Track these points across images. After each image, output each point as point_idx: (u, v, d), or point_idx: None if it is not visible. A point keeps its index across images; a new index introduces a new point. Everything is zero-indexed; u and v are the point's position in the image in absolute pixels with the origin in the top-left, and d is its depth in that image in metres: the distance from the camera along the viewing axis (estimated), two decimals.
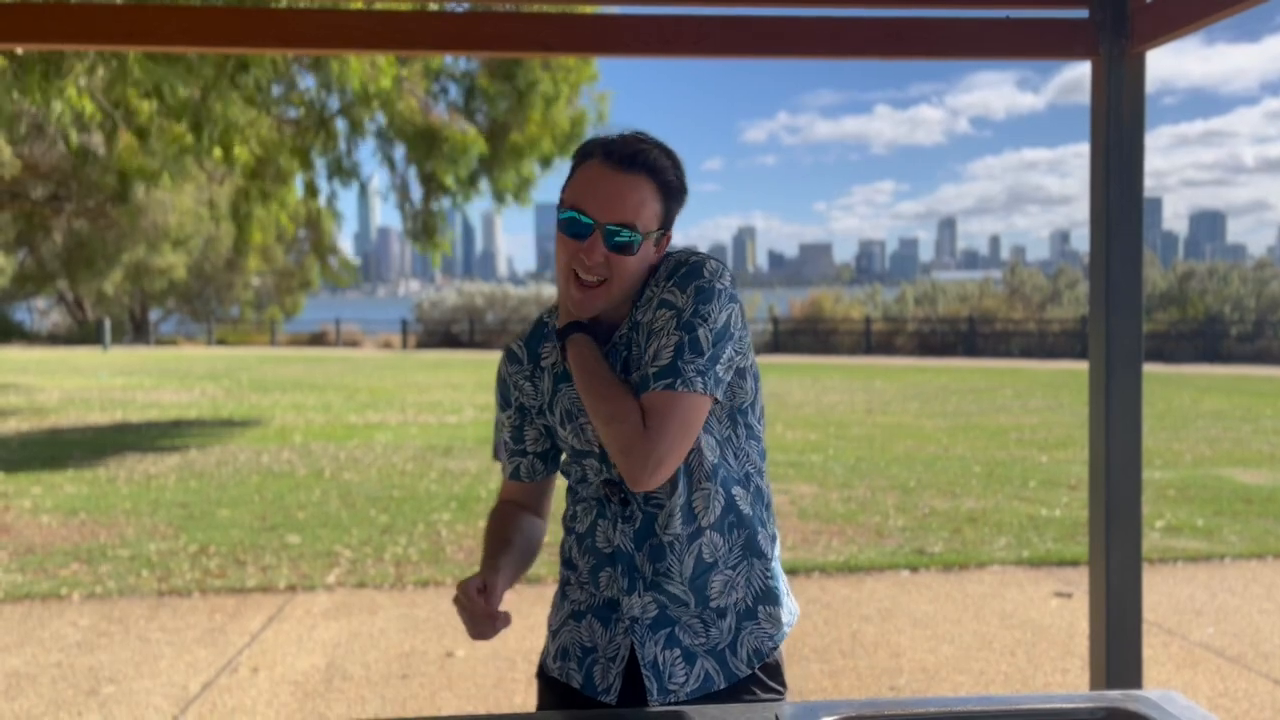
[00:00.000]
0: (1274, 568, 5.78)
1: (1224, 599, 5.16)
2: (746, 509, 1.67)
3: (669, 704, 1.62)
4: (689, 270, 1.59)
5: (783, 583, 1.74)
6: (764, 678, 1.69)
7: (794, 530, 6.62)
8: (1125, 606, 2.70)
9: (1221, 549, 6.11)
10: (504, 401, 1.76)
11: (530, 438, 1.76)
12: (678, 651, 1.64)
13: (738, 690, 1.66)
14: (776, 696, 1.69)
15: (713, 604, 1.66)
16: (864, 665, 4.23)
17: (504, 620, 1.52)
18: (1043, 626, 4.73)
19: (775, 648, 1.70)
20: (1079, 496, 7.64)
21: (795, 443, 10.64)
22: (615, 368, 1.61)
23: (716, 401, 1.58)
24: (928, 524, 6.81)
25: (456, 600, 1.55)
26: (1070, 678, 4.10)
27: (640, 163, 1.57)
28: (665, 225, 1.62)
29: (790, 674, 1.70)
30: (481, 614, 1.51)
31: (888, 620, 4.81)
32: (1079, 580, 5.41)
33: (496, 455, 1.83)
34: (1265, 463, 9.29)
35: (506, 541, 1.70)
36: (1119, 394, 2.66)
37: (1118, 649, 2.69)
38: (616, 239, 1.55)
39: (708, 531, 1.64)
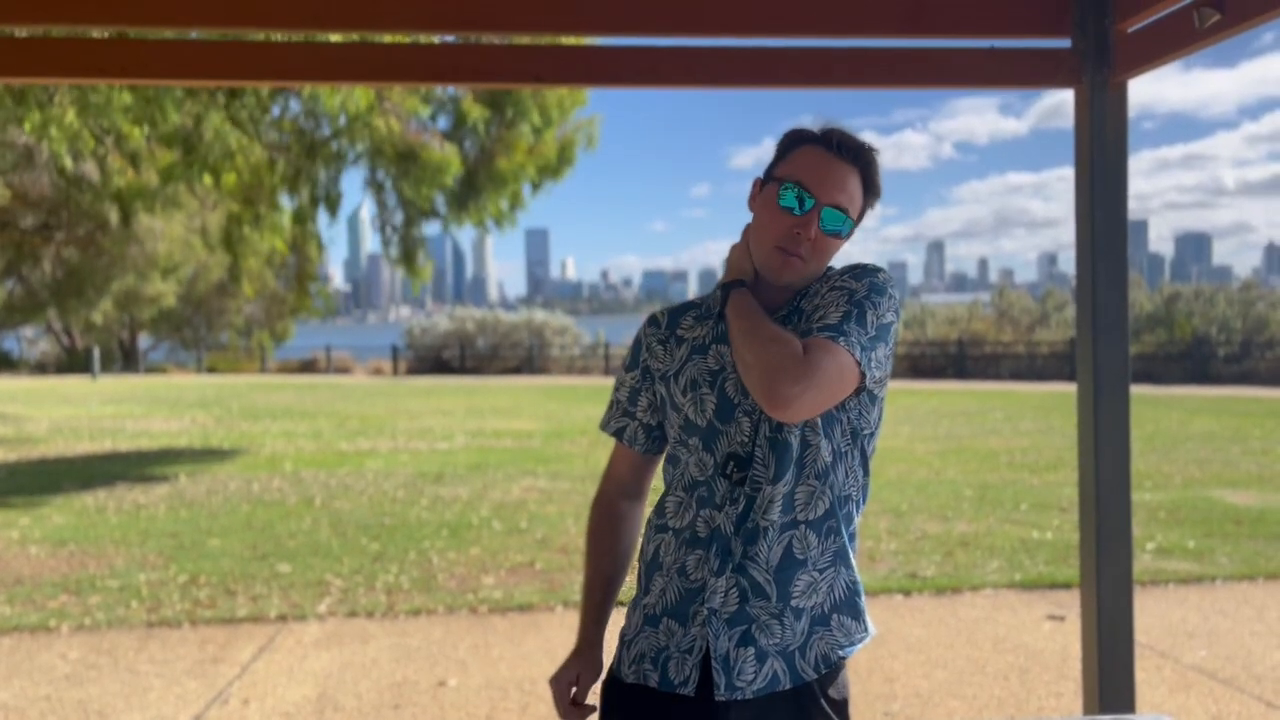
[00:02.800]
0: (1265, 589, 5.79)
1: (1216, 621, 5.16)
2: (844, 524, 1.72)
3: (734, 699, 1.66)
4: (866, 269, 1.68)
5: (863, 601, 1.77)
6: (830, 697, 1.70)
7: None
8: (1117, 629, 2.71)
9: (1213, 571, 6.12)
10: (633, 361, 1.83)
11: (643, 405, 1.82)
12: (751, 650, 1.67)
13: (800, 695, 1.68)
14: None
15: (793, 602, 1.68)
16: (858, 691, 4.22)
17: (589, 711, 1.79)
18: (1036, 650, 4.73)
19: (844, 657, 1.72)
20: (1070, 519, 7.65)
21: None
22: None
23: (862, 388, 1.62)
24: (920, 547, 6.81)
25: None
26: (1064, 701, 4.10)
27: (859, 156, 1.67)
28: (859, 219, 1.71)
29: None
30: (570, 715, 1.79)
31: (881, 645, 4.80)
32: (1071, 603, 5.41)
33: (604, 425, 1.87)
34: (1254, 484, 9.32)
35: (607, 571, 1.86)
36: (1107, 416, 2.68)
37: (1110, 672, 2.70)
38: (832, 221, 1.65)
39: (802, 527, 1.68)
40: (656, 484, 1.89)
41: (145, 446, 13.30)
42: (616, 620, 1.86)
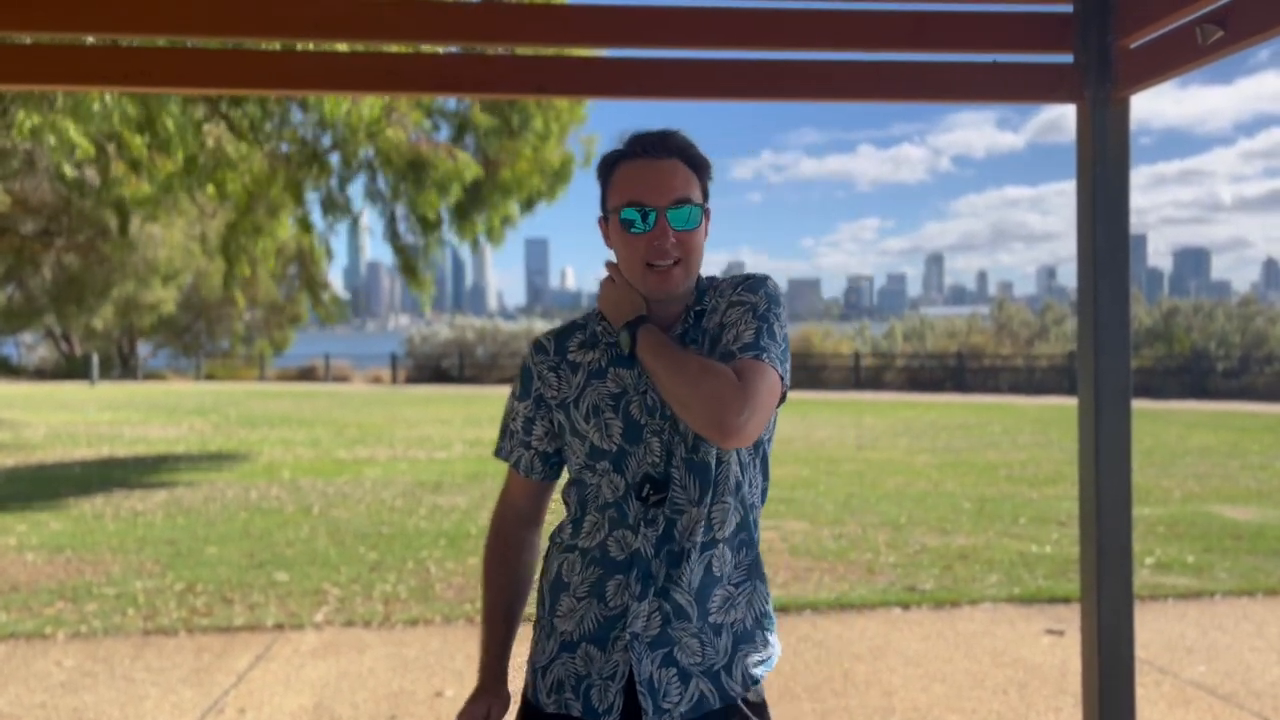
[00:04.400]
0: (1264, 605, 5.78)
1: (1215, 636, 5.15)
2: (755, 533, 1.75)
3: None
4: (757, 280, 1.71)
5: (773, 614, 1.80)
6: (751, 715, 1.71)
7: (785, 567, 6.60)
8: (1117, 645, 2.70)
9: (1212, 586, 6.11)
10: (524, 391, 1.81)
11: (538, 433, 1.80)
12: (674, 670, 1.66)
13: (730, 713, 1.69)
14: None
15: (711, 619, 1.69)
16: (856, 704, 4.20)
17: None
18: (1035, 665, 4.71)
19: (764, 675, 1.74)
20: (1069, 533, 7.64)
21: (785, 479, 10.63)
22: None
23: (784, 399, 1.68)
24: (919, 561, 6.80)
25: None
26: (1063, 716, 4.08)
27: (669, 146, 1.68)
28: (706, 198, 1.72)
29: (781, 713, 1.71)
30: None
31: (879, 658, 4.79)
32: (1071, 617, 5.40)
33: (498, 453, 1.85)
34: (1253, 499, 9.32)
35: (508, 600, 1.82)
36: (1108, 432, 2.68)
37: (1110, 688, 2.69)
38: (680, 218, 1.65)
39: (720, 545, 1.70)
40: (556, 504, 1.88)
41: (143, 453, 13.29)
42: (520, 643, 1.85)
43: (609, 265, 1.76)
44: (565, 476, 1.83)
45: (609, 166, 1.71)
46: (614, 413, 1.70)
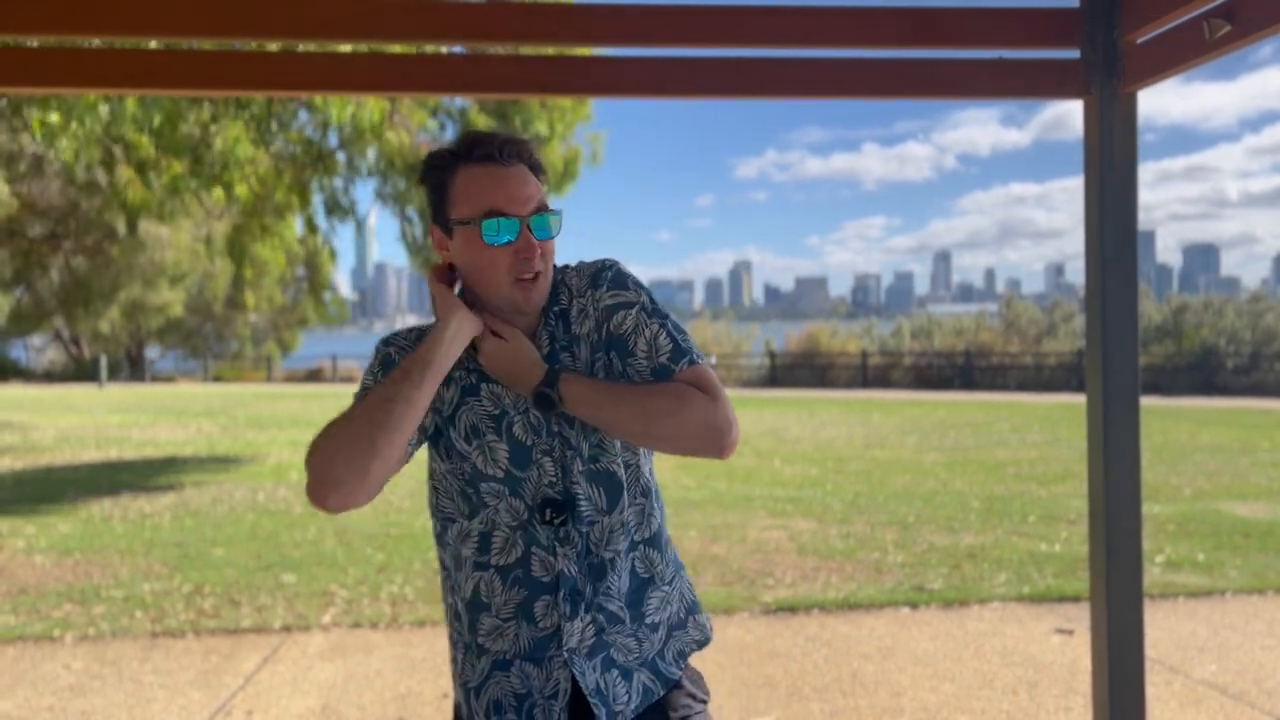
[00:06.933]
0: (1275, 603, 5.75)
1: (1226, 635, 5.12)
2: (666, 526, 1.73)
3: None
4: (614, 274, 1.64)
5: (699, 599, 1.80)
6: (691, 686, 1.72)
7: (793, 566, 6.58)
8: (1127, 644, 2.68)
9: (1223, 584, 6.08)
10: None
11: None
12: (615, 672, 1.63)
13: (673, 698, 1.68)
14: (702, 706, 1.72)
15: (648, 620, 1.67)
16: (865, 705, 4.19)
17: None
18: (1044, 664, 4.69)
19: (699, 647, 1.74)
20: (1079, 531, 7.61)
21: (793, 478, 10.61)
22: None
23: None
24: (927, 560, 6.78)
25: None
26: (1073, 716, 4.06)
27: (518, 153, 1.59)
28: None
29: (790, 714, 1.69)
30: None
31: (888, 658, 4.77)
32: (1080, 616, 5.37)
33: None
34: (1264, 496, 9.27)
35: None
36: (1117, 430, 2.66)
37: (1120, 687, 2.67)
38: (543, 226, 1.58)
39: (641, 546, 1.66)
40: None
41: (151, 455, 13.32)
42: (437, 664, 1.78)
43: (445, 294, 1.61)
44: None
45: (444, 171, 1.59)
46: (496, 435, 1.61)
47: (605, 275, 1.64)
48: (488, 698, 1.64)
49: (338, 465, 1.47)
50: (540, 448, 1.61)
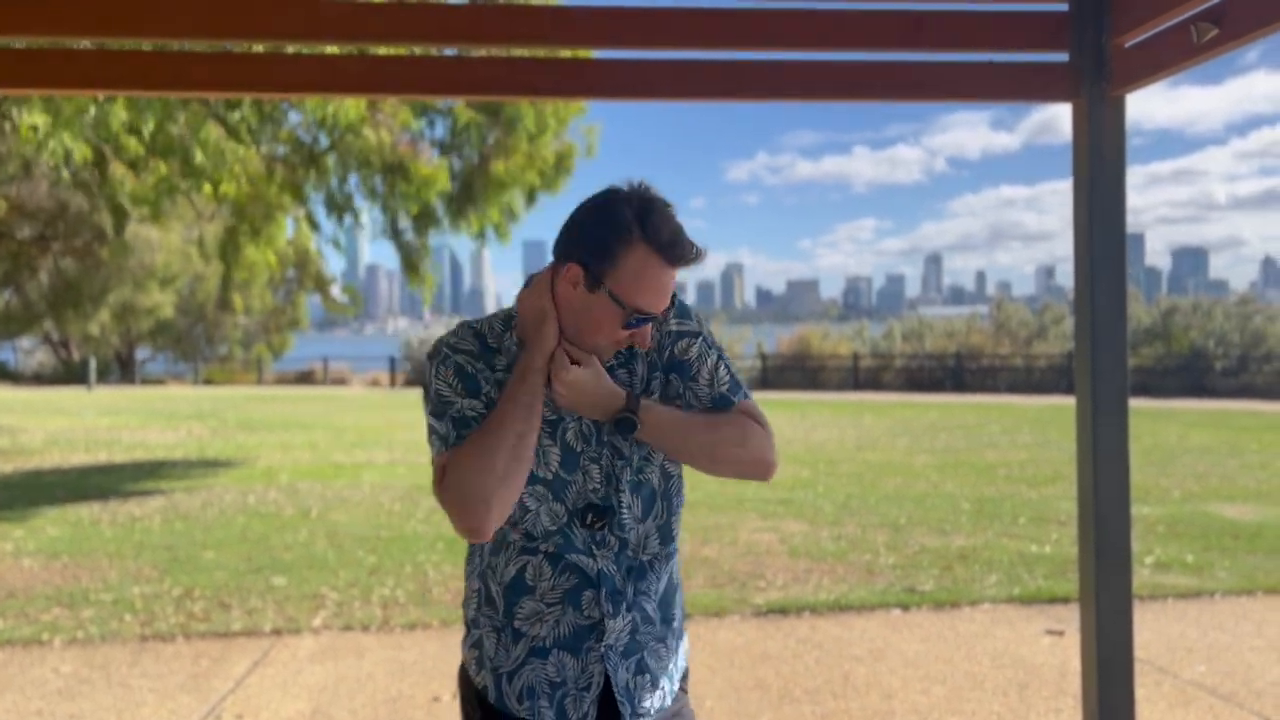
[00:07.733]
0: (1264, 604, 5.77)
1: (1215, 636, 5.14)
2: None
3: None
4: (679, 304, 1.73)
5: None
6: (686, 693, 1.84)
7: (784, 569, 6.59)
8: (1116, 645, 2.69)
9: (1211, 585, 6.10)
10: (471, 390, 1.63)
11: None
12: (647, 677, 1.70)
13: (679, 704, 1.78)
14: (685, 696, 1.83)
15: (674, 624, 1.76)
16: (856, 707, 4.19)
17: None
18: (1035, 665, 4.70)
19: (686, 665, 1.84)
20: (1069, 532, 7.63)
21: (785, 480, 10.62)
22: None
23: None
24: (918, 562, 6.79)
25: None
26: (1063, 717, 4.07)
27: (687, 261, 1.65)
28: None
29: (781, 716, 1.72)
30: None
31: (879, 660, 4.78)
32: (1070, 617, 5.39)
33: (458, 440, 1.63)
34: (1252, 497, 9.31)
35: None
36: (1106, 431, 2.67)
37: (1110, 689, 2.68)
38: (656, 322, 1.70)
39: (674, 554, 1.77)
40: None
41: (140, 458, 13.26)
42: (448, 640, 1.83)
43: (567, 348, 1.64)
44: None
45: (624, 236, 1.59)
46: (551, 439, 1.66)
47: (673, 303, 1.72)
48: (522, 683, 1.68)
49: (494, 503, 1.57)
50: (589, 455, 1.68)
